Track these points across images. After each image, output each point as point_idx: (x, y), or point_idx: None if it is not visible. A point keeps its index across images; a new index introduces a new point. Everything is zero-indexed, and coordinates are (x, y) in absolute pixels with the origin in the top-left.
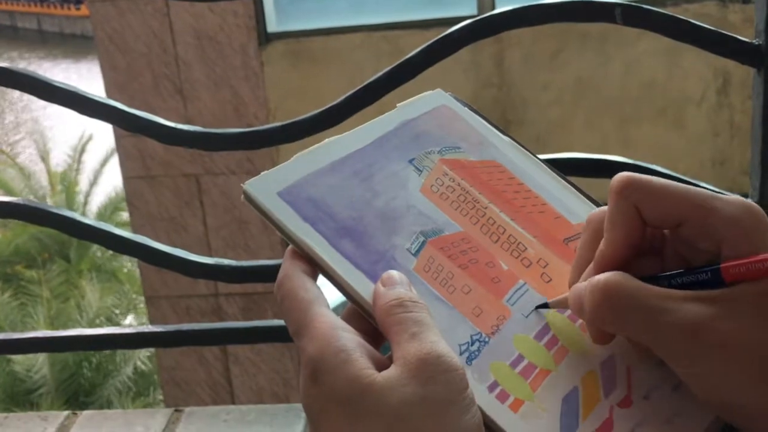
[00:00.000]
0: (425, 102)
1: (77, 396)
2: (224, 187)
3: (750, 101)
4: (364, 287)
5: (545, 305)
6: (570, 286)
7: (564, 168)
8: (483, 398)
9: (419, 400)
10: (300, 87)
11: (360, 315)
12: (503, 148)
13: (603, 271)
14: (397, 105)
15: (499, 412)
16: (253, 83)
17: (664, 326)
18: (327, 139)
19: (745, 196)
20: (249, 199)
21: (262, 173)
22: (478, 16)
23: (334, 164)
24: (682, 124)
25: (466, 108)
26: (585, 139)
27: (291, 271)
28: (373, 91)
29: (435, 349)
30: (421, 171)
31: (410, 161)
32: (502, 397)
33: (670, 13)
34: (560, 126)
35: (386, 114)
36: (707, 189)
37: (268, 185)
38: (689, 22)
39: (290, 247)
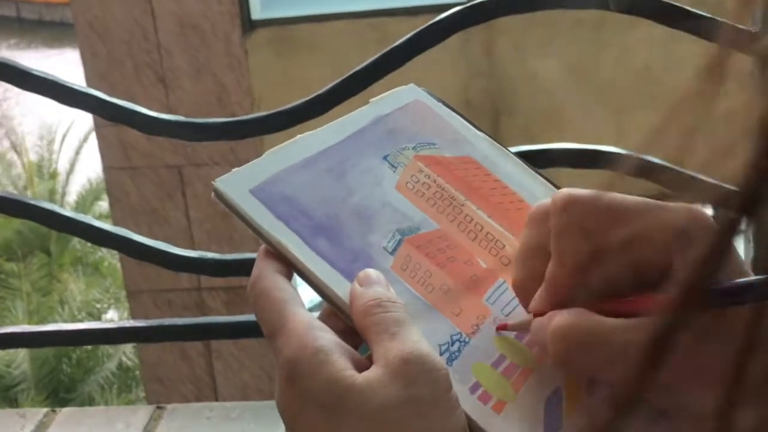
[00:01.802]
0: (398, 97)
1: (57, 392)
2: (207, 179)
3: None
4: (340, 287)
5: (504, 327)
6: (516, 287)
7: (557, 159)
8: (465, 400)
9: (402, 402)
10: (285, 75)
11: (336, 316)
12: (478, 144)
13: (556, 295)
14: (370, 101)
15: (481, 414)
16: (236, 72)
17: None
18: (299, 135)
19: None
20: (219, 196)
21: (233, 170)
22: (467, 2)
23: (308, 160)
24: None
25: (439, 103)
26: (578, 129)
27: (264, 270)
28: (360, 80)
29: (417, 348)
30: (396, 168)
31: (384, 158)
32: (485, 398)
33: (665, 0)
34: (552, 116)
35: (358, 110)
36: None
37: (240, 182)
38: (684, 8)
39: (263, 246)
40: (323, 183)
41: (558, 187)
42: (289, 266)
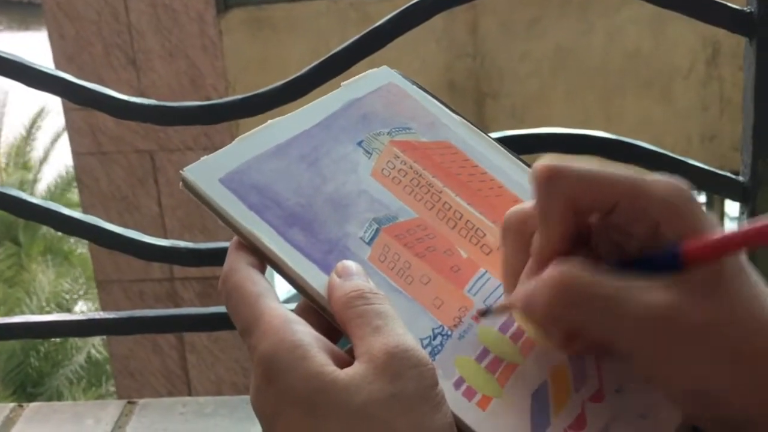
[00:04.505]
0: (371, 80)
1: (24, 386)
2: (180, 164)
3: (741, 73)
4: (316, 279)
5: (488, 311)
6: (508, 294)
7: (543, 144)
8: (449, 396)
9: (388, 398)
10: (261, 57)
11: (312, 311)
12: (455, 128)
13: (544, 269)
14: (342, 84)
15: (466, 411)
16: (210, 53)
17: (631, 317)
18: (270, 121)
19: (736, 173)
20: (188, 186)
21: (202, 158)
22: None
23: (279, 147)
24: (668, 97)
25: (414, 86)
26: (565, 113)
27: (236, 264)
28: (340, 62)
29: (403, 342)
30: (371, 154)
31: (359, 143)
32: (469, 394)
33: None
34: (539, 99)
35: (330, 93)
36: (694, 162)
37: (209, 171)
38: None
39: (235, 238)
40: (296, 171)
41: None
42: (263, 258)
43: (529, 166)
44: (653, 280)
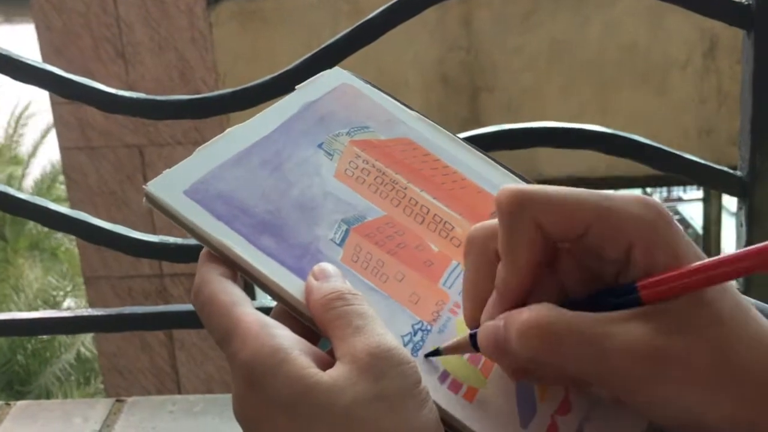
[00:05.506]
0: (325, 82)
1: (12, 385)
2: (169, 159)
3: (739, 66)
4: (292, 284)
5: (436, 352)
6: (469, 322)
7: (538, 138)
8: (435, 390)
9: (373, 398)
10: (251, 50)
11: (288, 315)
12: (412, 124)
13: (512, 303)
14: (296, 87)
15: (454, 404)
16: (200, 46)
17: (614, 353)
18: (228, 129)
19: (734, 168)
20: (153, 201)
21: (164, 172)
22: None
23: (241, 155)
24: (665, 91)
25: (368, 85)
26: (560, 107)
27: (207, 275)
28: (331, 55)
29: (384, 342)
30: (332, 155)
31: (319, 146)
32: (455, 387)
33: None
34: (533, 92)
35: (285, 98)
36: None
37: (173, 184)
38: None
39: (204, 250)
40: (260, 177)
41: (498, 162)
42: (234, 268)
43: (486, 155)
44: (632, 312)
